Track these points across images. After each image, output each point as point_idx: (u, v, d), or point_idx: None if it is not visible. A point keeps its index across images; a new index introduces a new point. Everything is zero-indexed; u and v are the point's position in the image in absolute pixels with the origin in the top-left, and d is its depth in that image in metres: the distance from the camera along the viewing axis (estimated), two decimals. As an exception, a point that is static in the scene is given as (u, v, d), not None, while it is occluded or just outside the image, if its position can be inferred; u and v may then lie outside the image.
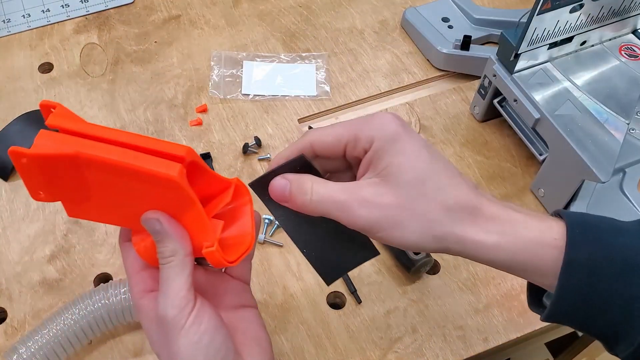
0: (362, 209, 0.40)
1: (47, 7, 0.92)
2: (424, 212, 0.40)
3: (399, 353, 0.62)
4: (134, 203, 0.41)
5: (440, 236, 0.40)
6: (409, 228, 0.40)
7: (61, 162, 0.38)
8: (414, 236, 0.40)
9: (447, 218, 0.40)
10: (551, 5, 0.63)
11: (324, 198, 0.41)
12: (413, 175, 0.40)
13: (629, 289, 0.39)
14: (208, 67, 0.85)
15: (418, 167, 0.40)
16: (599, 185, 0.69)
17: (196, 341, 0.40)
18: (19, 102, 0.81)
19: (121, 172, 0.38)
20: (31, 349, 0.56)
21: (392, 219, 0.40)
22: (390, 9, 0.93)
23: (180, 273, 0.41)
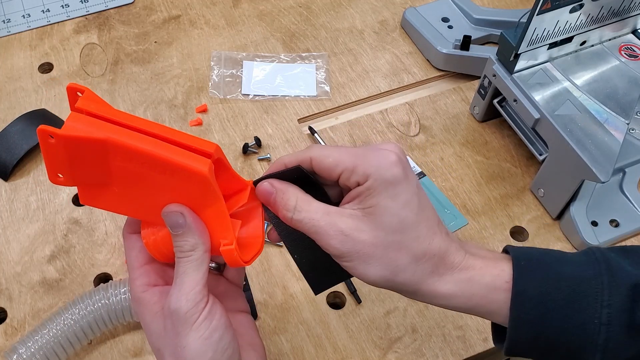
0: (336, 240, 0.41)
1: (47, 7, 0.92)
2: (394, 258, 0.41)
3: (398, 353, 0.62)
4: (155, 195, 0.41)
5: (400, 282, 0.42)
6: (373, 268, 0.41)
7: (89, 146, 0.37)
8: (376, 276, 0.42)
9: (412, 268, 0.41)
10: (551, 5, 0.63)
11: (305, 219, 0.42)
12: (397, 223, 0.41)
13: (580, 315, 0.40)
14: (208, 67, 0.85)
15: (404, 216, 0.41)
16: (598, 185, 0.69)
17: (207, 336, 0.40)
18: (19, 102, 0.81)
19: (150, 162, 0.38)
20: (31, 349, 0.56)
21: (362, 255, 0.41)
22: (390, 9, 0.93)
23: (198, 268, 0.41)
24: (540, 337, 0.41)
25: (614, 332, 0.40)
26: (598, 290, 0.41)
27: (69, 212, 0.71)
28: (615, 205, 0.69)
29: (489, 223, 0.71)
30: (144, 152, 0.37)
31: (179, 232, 0.41)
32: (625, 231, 0.68)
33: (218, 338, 0.41)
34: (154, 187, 0.40)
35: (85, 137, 0.37)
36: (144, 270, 0.44)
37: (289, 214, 0.42)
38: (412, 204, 0.41)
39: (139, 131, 0.38)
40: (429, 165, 0.76)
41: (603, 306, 0.40)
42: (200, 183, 0.38)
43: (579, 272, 0.42)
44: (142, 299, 0.43)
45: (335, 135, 0.78)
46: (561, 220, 0.70)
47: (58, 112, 0.79)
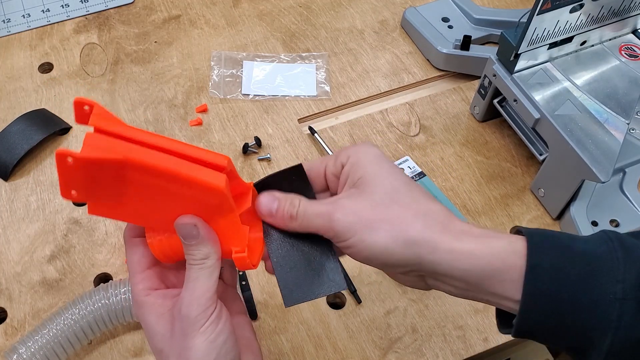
0: (339, 213, 0.42)
1: (47, 7, 0.92)
2: (397, 216, 0.41)
3: (399, 353, 0.62)
4: (168, 206, 0.42)
5: (413, 240, 0.40)
6: (380, 232, 0.41)
7: (108, 166, 0.38)
8: (384, 240, 0.41)
9: (421, 222, 0.41)
10: (551, 5, 0.63)
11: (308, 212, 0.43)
12: (388, 185, 0.42)
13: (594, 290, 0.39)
14: (208, 67, 0.85)
15: (393, 179, 0.42)
16: (599, 185, 0.69)
17: (212, 339, 0.41)
18: (19, 102, 0.81)
19: (168, 178, 0.39)
20: (31, 349, 0.56)
21: (366, 223, 0.41)
22: (390, 9, 0.93)
23: (210, 275, 0.42)
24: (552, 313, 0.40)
25: (628, 307, 0.39)
26: (612, 265, 0.40)
27: (69, 212, 0.71)
28: (615, 205, 0.69)
29: (489, 223, 0.71)
30: (163, 170, 0.38)
31: (192, 242, 0.42)
32: (625, 231, 0.68)
33: (222, 341, 0.42)
34: (168, 199, 0.41)
35: (104, 159, 0.37)
36: (146, 275, 0.45)
37: (294, 209, 0.43)
38: (397, 174, 0.42)
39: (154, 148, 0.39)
40: (429, 165, 0.76)
41: (617, 281, 0.39)
42: (217, 197, 0.40)
43: (592, 248, 0.41)
44: (146, 302, 0.44)
45: (335, 135, 0.78)
46: (561, 220, 0.70)
47: (58, 112, 0.79)
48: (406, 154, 0.77)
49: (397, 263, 0.42)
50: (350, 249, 0.42)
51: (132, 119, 0.79)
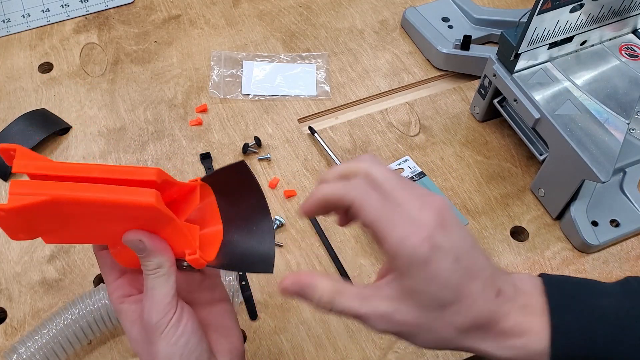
0: (380, 324, 0.41)
1: (47, 6, 0.92)
2: (440, 332, 0.40)
3: (399, 353, 0.62)
4: (113, 226, 0.43)
5: (454, 347, 0.41)
6: (422, 340, 0.41)
7: (39, 207, 0.38)
8: (427, 346, 0.42)
9: (460, 337, 0.41)
10: (551, 5, 0.63)
11: (345, 310, 0.41)
12: (437, 303, 0.40)
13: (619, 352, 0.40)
14: (208, 67, 0.85)
15: (442, 295, 0.39)
16: (599, 185, 0.69)
17: (174, 342, 0.43)
18: (19, 102, 0.81)
19: (99, 206, 0.39)
20: (31, 349, 0.56)
21: (408, 333, 0.41)
22: (390, 9, 0.93)
23: (165, 282, 0.43)
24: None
25: None
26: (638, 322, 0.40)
27: (69, 212, 0.71)
28: (615, 205, 0.69)
29: (489, 223, 0.71)
30: (91, 200, 0.39)
31: (143, 255, 0.43)
32: (626, 231, 0.68)
33: (184, 342, 0.43)
34: (111, 221, 0.42)
35: (31, 204, 0.38)
36: (119, 284, 0.46)
37: (328, 306, 0.42)
38: (450, 281, 0.39)
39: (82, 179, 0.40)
40: (429, 165, 0.76)
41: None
42: (151, 212, 0.40)
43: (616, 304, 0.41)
44: (121, 310, 0.46)
45: (336, 135, 0.78)
46: (561, 220, 0.70)
47: (58, 112, 0.79)
48: (406, 154, 0.76)
49: None
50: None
51: (132, 119, 0.79)
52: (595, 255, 0.68)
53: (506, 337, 0.40)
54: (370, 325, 0.41)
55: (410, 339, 0.42)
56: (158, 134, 0.78)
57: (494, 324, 0.40)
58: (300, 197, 0.72)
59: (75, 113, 0.80)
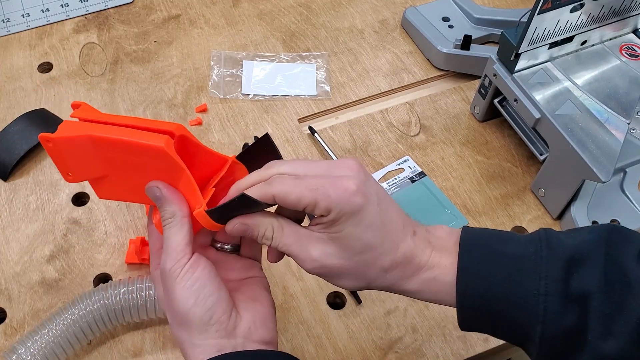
0: (309, 264, 0.45)
1: (47, 6, 0.92)
2: (364, 273, 0.45)
3: (399, 353, 0.62)
4: (141, 177, 0.47)
5: (373, 288, 0.47)
6: (347, 281, 0.46)
7: (78, 143, 0.45)
8: (349, 286, 0.46)
9: (382, 277, 0.45)
10: (552, 5, 0.63)
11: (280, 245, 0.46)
12: (361, 245, 0.44)
13: (520, 288, 0.43)
14: (208, 66, 0.85)
15: (367, 238, 0.44)
16: (599, 185, 0.69)
17: (189, 286, 0.45)
18: (19, 102, 0.81)
19: (123, 147, 0.44)
20: (30, 349, 0.56)
21: (334, 274, 0.46)
22: (391, 9, 0.93)
23: (178, 232, 0.46)
24: (485, 310, 0.44)
25: (551, 303, 0.42)
26: (536, 265, 0.44)
27: (69, 212, 0.71)
28: (615, 205, 0.69)
29: (490, 223, 0.71)
30: (115, 140, 0.44)
31: (159, 203, 0.47)
32: (626, 231, 0.68)
33: (199, 287, 0.45)
34: (138, 170, 0.46)
35: (72, 137, 0.45)
36: (158, 254, 0.49)
37: (267, 242, 0.46)
38: (374, 225, 0.44)
39: (116, 124, 0.45)
40: (429, 165, 0.75)
41: (541, 278, 0.43)
42: (163, 157, 0.44)
43: (520, 250, 0.45)
44: (154, 277, 0.50)
45: (336, 135, 0.78)
46: (562, 220, 0.70)
47: (58, 112, 0.79)
48: (406, 153, 0.76)
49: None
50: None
51: (132, 119, 0.79)
52: (596, 255, 0.68)
53: (420, 271, 0.45)
54: (300, 264, 0.45)
55: (335, 280, 0.46)
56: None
57: (410, 260, 0.45)
58: (300, 197, 0.72)
59: (75, 113, 0.80)
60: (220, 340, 0.45)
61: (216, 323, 0.45)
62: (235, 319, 0.46)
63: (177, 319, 0.46)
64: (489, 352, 0.62)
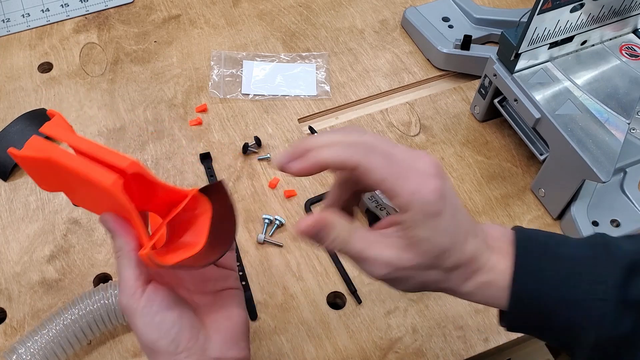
0: (381, 269, 0.43)
1: (47, 6, 0.92)
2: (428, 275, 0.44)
3: (399, 353, 0.62)
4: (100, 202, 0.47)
5: (430, 289, 0.45)
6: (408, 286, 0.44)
7: (40, 162, 0.45)
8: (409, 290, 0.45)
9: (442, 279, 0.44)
10: (552, 5, 0.63)
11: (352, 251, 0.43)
12: (436, 250, 0.42)
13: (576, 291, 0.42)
14: (208, 66, 0.85)
15: (442, 242, 0.42)
16: (599, 185, 0.69)
17: (148, 322, 0.45)
18: (19, 102, 0.81)
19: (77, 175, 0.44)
20: (30, 349, 0.56)
21: (402, 279, 0.44)
22: (391, 9, 0.93)
23: (127, 265, 0.46)
24: (537, 312, 0.43)
25: (608, 308, 0.41)
26: (595, 268, 0.43)
27: (69, 212, 0.71)
28: (616, 205, 0.69)
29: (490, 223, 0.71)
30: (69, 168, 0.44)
31: (110, 235, 0.47)
32: (626, 231, 0.68)
33: (160, 320, 0.45)
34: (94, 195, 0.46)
35: (33, 157, 0.45)
36: None
37: (337, 246, 0.43)
38: (449, 229, 0.42)
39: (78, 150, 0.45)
40: (429, 165, 0.75)
41: (598, 282, 0.42)
42: (111, 195, 0.44)
43: (577, 252, 0.44)
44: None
45: (336, 135, 0.78)
46: (562, 220, 0.70)
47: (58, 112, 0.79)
48: (406, 153, 0.76)
49: None
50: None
51: (132, 119, 0.79)
52: (596, 255, 0.68)
53: (477, 273, 0.44)
54: (370, 269, 0.43)
55: (398, 284, 0.44)
56: (158, 133, 0.78)
57: (472, 262, 0.44)
58: (300, 197, 0.72)
59: (75, 113, 0.80)
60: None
61: (184, 350, 0.45)
62: (204, 342, 0.46)
63: (146, 350, 0.46)
64: (489, 352, 0.62)
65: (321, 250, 0.68)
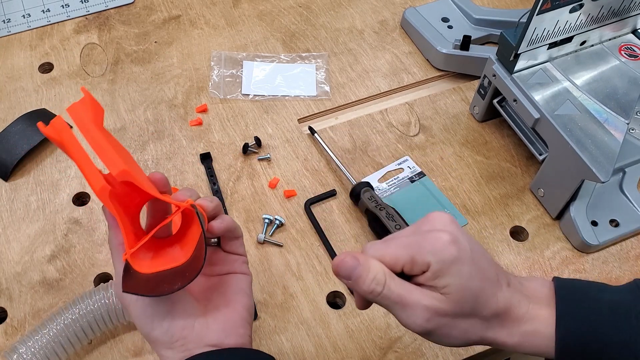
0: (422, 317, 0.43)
1: (47, 7, 0.92)
2: (468, 324, 0.44)
3: (398, 353, 0.62)
4: None
5: (474, 340, 0.45)
6: (452, 338, 0.45)
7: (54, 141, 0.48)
8: (454, 342, 0.45)
9: (482, 327, 0.45)
10: (551, 5, 0.63)
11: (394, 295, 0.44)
12: (468, 295, 0.43)
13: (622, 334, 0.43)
14: (208, 67, 0.85)
15: (471, 286, 0.43)
16: (598, 185, 0.69)
17: (141, 314, 0.46)
18: (19, 102, 0.81)
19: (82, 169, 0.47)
20: (31, 348, 0.56)
21: (444, 329, 0.44)
22: (390, 9, 0.93)
23: (116, 258, 0.48)
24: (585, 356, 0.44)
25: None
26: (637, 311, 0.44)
27: (69, 212, 0.71)
28: (615, 205, 0.69)
29: (489, 223, 0.71)
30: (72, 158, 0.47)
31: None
32: (625, 231, 0.68)
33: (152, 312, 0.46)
34: None
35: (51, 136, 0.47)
36: None
37: (379, 288, 0.44)
38: (473, 273, 0.43)
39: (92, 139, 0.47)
40: (428, 165, 0.76)
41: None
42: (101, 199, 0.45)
43: (617, 297, 0.45)
44: None
45: (335, 135, 0.78)
46: (561, 220, 0.70)
47: (58, 112, 0.79)
48: (406, 153, 0.77)
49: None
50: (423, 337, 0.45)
51: (132, 119, 0.79)
52: (595, 255, 0.68)
53: (519, 324, 0.45)
54: (411, 316, 0.43)
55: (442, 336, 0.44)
56: (158, 134, 0.78)
57: (509, 312, 0.44)
58: (300, 197, 0.72)
59: (76, 113, 0.80)
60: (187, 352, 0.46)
61: (179, 339, 0.46)
62: (201, 329, 0.47)
63: (146, 338, 0.48)
64: (489, 352, 0.63)
65: (321, 250, 0.68)
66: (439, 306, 0.43)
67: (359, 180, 0.72)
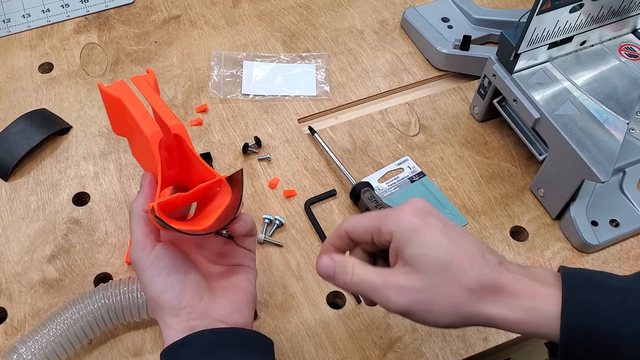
0: (395, 293, 0.44)
1: (47, 7, 0.92)
2: (450, 295, 0.44)
3: (398, 353, 0.62)
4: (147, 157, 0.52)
5: (469, 315, 0.44)
6: (439, 312, 0.44)
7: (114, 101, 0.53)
8: (445, 318, 0.44)
9: (471, 299, 0.44)
10: (551, 5, 0.63)
11: (362, 280, 0.46)
12: (437, 264, 0.44)
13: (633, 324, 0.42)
14: (208, 67, 0.85)
15: (439, 256, 0.44)
16: (598, 185, 0.69)
17: (155, 275, 0.49)
18: (19, 102, 0.81)
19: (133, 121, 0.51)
20: (31, 348, 0.56)
21: (423, 302, 0.44)
22: (390, 9, 0.93)
23: (136, 224, 0.50)
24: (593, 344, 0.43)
25: None
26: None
27: (69, 212, 0.71)
28: (615, 205, 0.69)
29: (489, 223, 0.71)
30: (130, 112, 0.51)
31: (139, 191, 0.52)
32: (625, 231, 0.68)
33: (166, 275, 0.49)
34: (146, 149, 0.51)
35: (110, 94, 0.53)
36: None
37: (348, 277, 0.47)
38: (441, 244, 0.44)
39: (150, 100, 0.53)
40: (428, 165, 0.76)
41: None
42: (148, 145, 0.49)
43: (626, 284, 0.44)
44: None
45: (335, 135, 0.78)
46: (561, 220, 0.70)
47: (58, 112, 0.79)
48: (406, 153, 0.77)
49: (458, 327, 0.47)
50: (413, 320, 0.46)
51: (132, 119, 0.80)
52: (595, 255, 0.68)
53: (517, 298, 0.44)
54: (390, 297, 0.44)
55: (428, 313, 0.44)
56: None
57: (502, 287, 0.44)
58: (300, 197, 0.72)
59: (76, 113, 0.80)
60: (192, 322, 0.48)
61: (187, 307, 0.48)
62: (208, 302, 0.49)
63: (151, 303, 0.50)
64: (489, 351, 0.63)
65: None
66: (408, 280, 0.44)
67: (359, 180, 0.72)
